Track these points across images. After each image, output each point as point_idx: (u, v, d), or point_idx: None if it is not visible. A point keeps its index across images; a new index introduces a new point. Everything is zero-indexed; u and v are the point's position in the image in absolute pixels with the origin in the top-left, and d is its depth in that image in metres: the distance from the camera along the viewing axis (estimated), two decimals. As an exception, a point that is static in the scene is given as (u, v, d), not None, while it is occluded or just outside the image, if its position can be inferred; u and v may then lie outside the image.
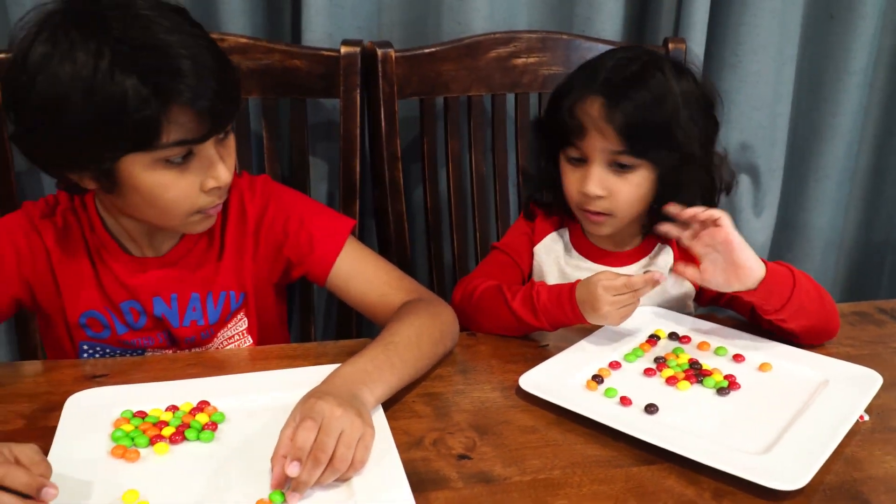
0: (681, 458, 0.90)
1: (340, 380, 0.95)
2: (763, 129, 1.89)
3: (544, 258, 1.35)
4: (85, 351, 1.18)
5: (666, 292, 1.32)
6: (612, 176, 1.21)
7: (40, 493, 0.75)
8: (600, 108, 1.18)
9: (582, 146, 1.21)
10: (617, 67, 1.21)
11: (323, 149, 1.69)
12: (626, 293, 1.11)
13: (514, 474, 0.89)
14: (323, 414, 0.85)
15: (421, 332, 1.08)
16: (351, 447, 0.84)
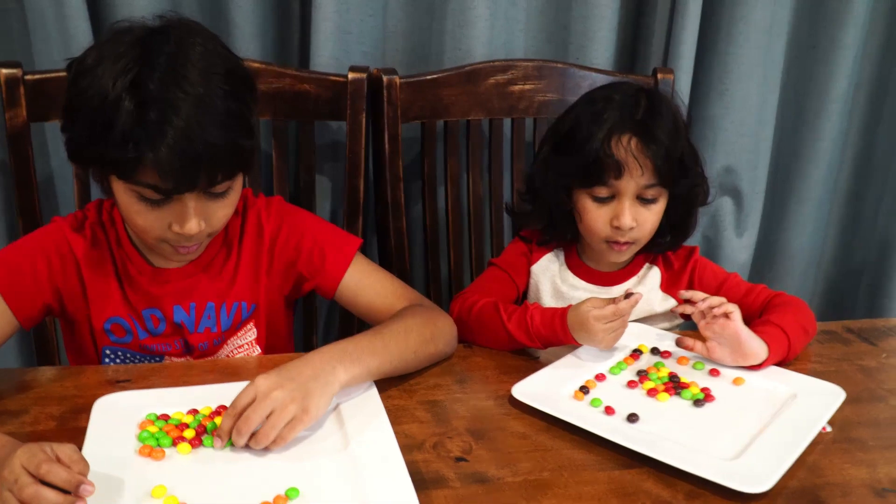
0: (658, 462, 0.98)
1: (312, 358, 1.04)
2: (747, 154, 1.98)
3: (540, 277, 1.43)
4: (107, 355, 1.26)
5: (653, 309, 1.41)
6: (640, 207, 1.30)
7: (79, 490, 0.82)
8: (637, 146, 1.25)
9: (616, 185, 1.27)
10: (631, 103, 1.28)
11: (328, 168, 1.77)
12: (616, 319, 1.19)
13: (507, 475, 0.97)
14: (258, 391, 0.97)
15: (410, 328, 1.17)
16: (276, 427, 0.96)
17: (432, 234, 1.73)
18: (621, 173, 1.26)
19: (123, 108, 1.00)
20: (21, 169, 1.45)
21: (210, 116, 1.03)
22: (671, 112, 1.30)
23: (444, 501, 0.92)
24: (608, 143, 1.26)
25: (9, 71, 1.39)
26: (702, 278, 1.39)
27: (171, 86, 1.01)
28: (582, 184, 1.30)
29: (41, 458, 0.82)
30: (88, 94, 1.03)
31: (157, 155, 1.01)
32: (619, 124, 1.26)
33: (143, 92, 1.00)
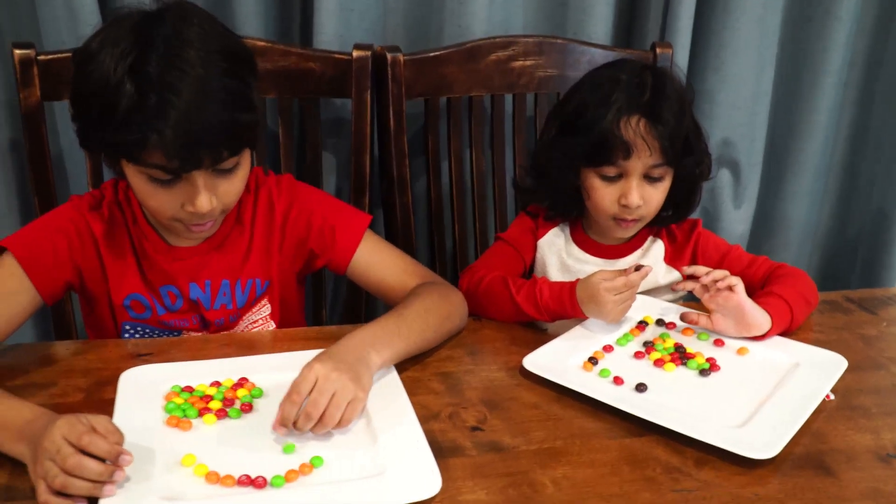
0: (667, 430, 1.01)
1: (350, 343, 1.07)
2: (743, 127, 2.01)
3: (547, 252, 1.46)
4: (126, 330, 1.29)
5: (657, 282, 1.44)
6: (647, 186, 1.32)
7: (118, 460, 0.86)
8: (645, 127, 1.27)
9: (624, 165, 1.30)
10: (637, 84, 1.30)
11: (332, 144, 1.79)
12: (626, 291, 1.22)
13: (521, 444, 1.01)
14: (319, 373, 0.98)
15: (429, 308, 1.20)
16: (340, 408, 0.97)
17: (437, 209, 1.76)
18: (630, 154, 1.29)
19: (125, 92, 1.02)
20: (35, 147, 1.47)
21: (209, 95, 1.05)
22: (676, 91, 1.32)
23: (461, 469, 0.96)
24: (617, 125, 1.28)
25: (22, 52, 1.41)
26: (705, 251, 1.42)
27: (169, 68, 1.03)
28: (590, 163, 1.33)
29: (82, 430, 0.85)
30: (91, 81, 1.05)
31: (160, 136, 1.03)
32: (627, 106, 1.28)
33: (143, 75, 1.03)
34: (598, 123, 1.29)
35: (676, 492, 0.93)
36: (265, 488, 0.90)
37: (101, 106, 1.04)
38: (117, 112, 1.03)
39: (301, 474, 0.92)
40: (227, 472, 0.91)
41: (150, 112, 1.02)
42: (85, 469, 0.83)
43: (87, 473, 0.84)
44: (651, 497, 0.92)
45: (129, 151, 1.07)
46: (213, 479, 0.90)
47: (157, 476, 0.90)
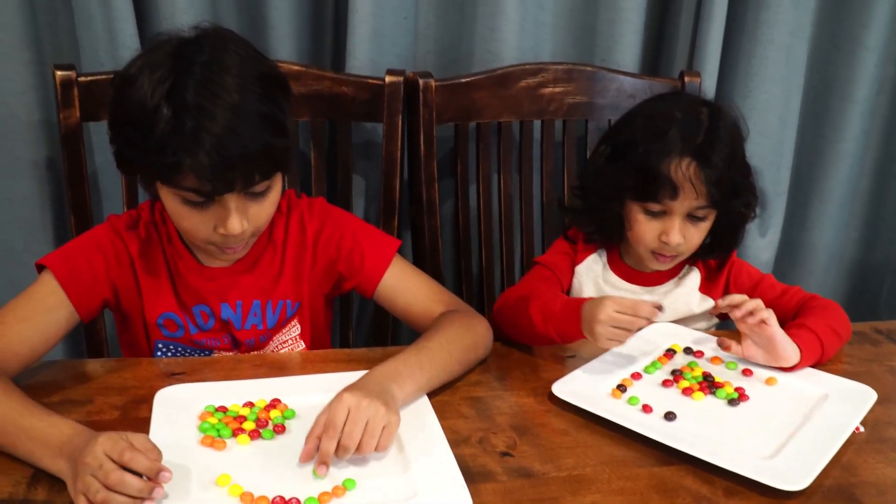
0: (697, 460, 1.02)
1: (373, 376, 1.08)
2: (770, 155, 2.01)
3: (584, 278, 1.47)
4: (159, 349, 1.31)
5: (692, 310, 1.45)
6: (689, 225, 1.33)
7: (158, 477, 0.87)
8: (694, 170, 1.27)
9: (669, 203, 1.30)
10: (692, 124, 1.30)
11: (362, 167, 1.81)
12: (628, 315, 1.18)
13: (551, 470, 1.02)
14: (350, 404, 0.99)
15: (453, 339, 1.21)
16: (375, 435, 0.98)
17: (464, 233, 1.77)
18: (676, 195, 1.29)
19: (161, 117, 1.05)
20: (73, 167, 1.50)
21: (244, 121, 1.08)
22: (730, 133, 1.32)
23: (492, 494, 0.96)
24: (667, 165, 1.28)
25: (63, 73, 1.44)
26: (737, 279, 1.44)
27: (206, 94, 1.06)
28: (635, 196, 1.34)
29: (123, 447, 0.87)
30: (130, 105, 1.08)
31: (195, 160, 1.05)
32: (679, 146, 1.28)
33: (180, 101, 1.05)
34: (647, 160, 1.30)
35: (706, 522, 0.94)
36: (299, 509, 0.91)
37: (139, 130, 1.07)
38: (154, 136, 1.05)
39: (334, 496, 0.93)
40: (262, 493, 0.92)
41: (185, 137, 1.04)
42: (126, 485, 0.85)
43: (128, 489, 0.85)
44: (681, 526, 0.93)
45: (163, 174, 1.09)
46: (248, 500, 0.91)
47: (193, 494, 0.92)
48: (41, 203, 1.71)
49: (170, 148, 1.05)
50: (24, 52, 1.60)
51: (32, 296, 1.18)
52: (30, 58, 1.60)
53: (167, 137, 1.05)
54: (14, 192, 1.69)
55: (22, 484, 0.94)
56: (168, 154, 1.05)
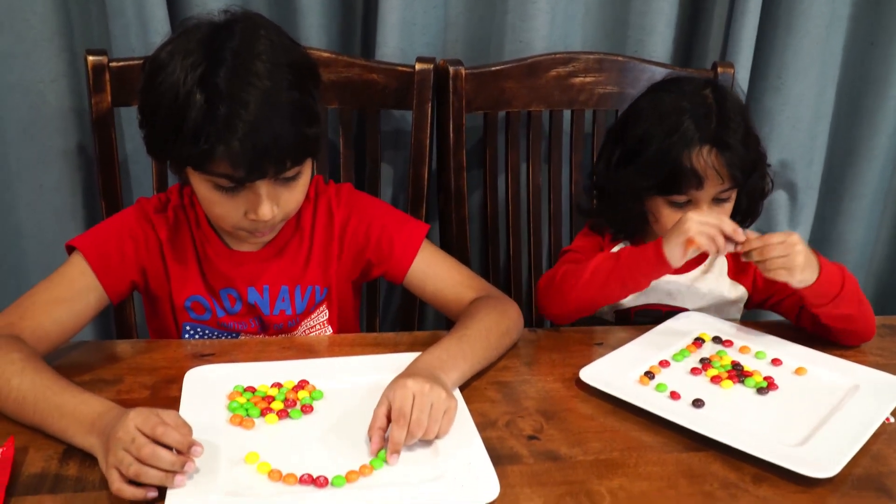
0: (725, 447, 1.01)
1: (420, 365, 1.09)
2: (802, 148, 1.99)
3: None
4: (187, 331, 1.32)
5: (723, 296, 1.44)
6: (715, 209, 1.33)
7: (190, 451, 0.88)
8: (716, 157, 1.28)
9: (695, 193, 1.31)
10: (702, 111, 1.30)
11: (391, 156, 1.81)
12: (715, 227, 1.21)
13: (577, 454, 1.01)
14: (414, 390, 0.99)
15: (490, 326, 1.21)
16: (438, 420, 0.99)
17: (492, 223, 1.77)
18: (702, 184, 1.30)
19: (194, 104, 1.05)
20: (105, 152, 1.52)
21: (276, 108, 1.08)
22: (739, 112, 1.32)
23: (518, 476, 0.96)
24: (688, 157, 1.28)
25: (95, 58, 1.46)
26: None
27: (238, 81, 1.06)
28: (659, 192, 1.34)
29: (155, 421, 0.88)
30: (161, 92, 1.08)
31: (227, 147, 1.06)
32: (696, 137, 1.28)
33: (212, 88, 1.05)
34: (667, 155, 1.29)
35: (734, 507, 0.93)
36: (326, 487, 0.91)
37: (170, 117, 1.07)
38: (186, 123, 1.05)
39: (361, 475, 0.94)
40: (290, 471, 0.93)
41: (218, 124, 1.05)
42: (159, 458, 0.86)
43: (160, 463, 0.86)
44: (708, 511, 0.92)
45: (196, 161, 1.10)
46: (276, 477, 0.92)
47: (222, 471, 0.93)
48: (72, 190, 1.73)
49: (202, 136, 1.05)
50: (56, 39, 1.62)
51: (63, 277, 1.20)
52: (61, 45, 1.63)
53: (199, 125, 1.05)
54: (46, 179, 1.72)
55: (54, 459, 0.95)
56: (200, 142, 1.05)
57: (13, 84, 1.64)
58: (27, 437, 0.99)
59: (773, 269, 1.20)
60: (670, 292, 1.43)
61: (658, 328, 1.32)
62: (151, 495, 0.87)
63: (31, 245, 1.76)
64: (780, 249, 1.18)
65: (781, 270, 1.19)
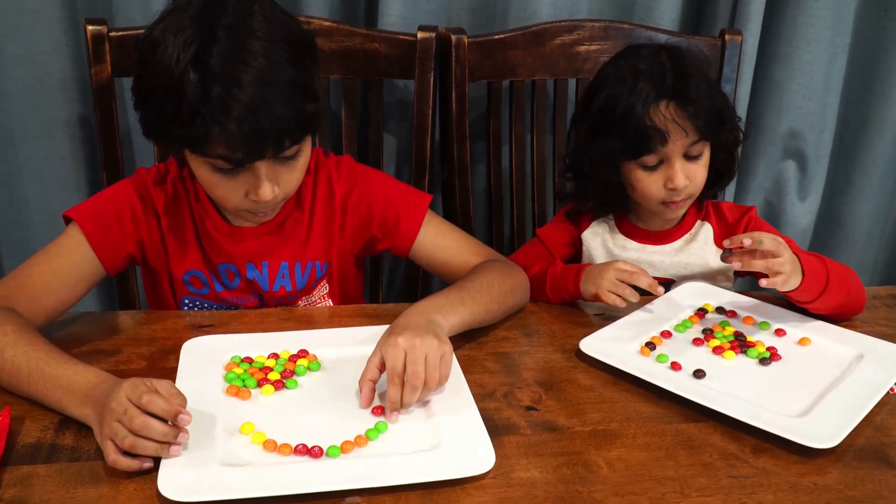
0: (725, 417, 1.00)
1: (416, 310, 1.09)
2: (812, 118, 1.96)
3: (591, 242, 1.46)
4: (186, 305, 1.32)
5: (708, 265, 1.42)
6: (689, 164, 1.32)
7: (177, 419, 0.88)
8: (675, 111, 1.28)
9: (663, 150, 1.30)
10: (658, 69, 1.30)
11: (393, 127, 1.80)
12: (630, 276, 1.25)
13: (575, 425, 1.01)
14: (405, 346, 0.99)
15: (493, 282, 1.21)
16: (436, 367, 0.99)
17: (496, 195, 1.76)
18: (667, 140, 1.29)
19: (188, 85, 1.02)
20: (106, 123, 1.51)
21: (273, 87, 1.05)
22: (697, 67, 1.33)
23: (515, 447, 0.96)
24: (647, 114, 1.28)
25: (95, 27, 1.45)
26: None
27: (232, 60, 1.03)
28: (629, 156, 1.33)
29: (142, 390, 0.87)
30: (154, 72, 1.05)
31: (224, 129, 1.03)
32: (654, 93, 1.29)
33: (206, 67, 1.02)
34: (629, 117, 1.29)
35: (733, 477, 0.92)
36: (321, 458, 0.91)
37: (164, 98, 1.05)
38: (181, 105, 1.03)
39: (356, 446, 0.93)
40: (285, 441, 0.92)
41: (213, 105, 1.02)
42: (151, 429, 0.86)
43: (153, 434, 0.86)
44: (707, 482, 0.91)
45: (192, 143, 1.08)
46: (271, 448, 0.92)
47: (217, 442, 0.92)
48: (75, 162, 1.73)
49: (198, 117, 1.03)
50: (57, 9, 1.61)
51: (59, 249, 1.19)
52: (62, 15, 1.62)
53: (194, 107, 1.02)
54: (50, 151, 1.71)
55: (50, 430, 0.95)
56: (197, 123, 1.03)
57: (15, 55, 1.63)
58: (23, 408, 0.99)
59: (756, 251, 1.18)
60: (653, 263, 1.42)
61: (660, 298, 1.30)
62: (147, 465, 0.87)
63: (37, 216, 1.76)
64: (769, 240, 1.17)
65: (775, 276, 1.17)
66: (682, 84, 1.29)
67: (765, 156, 2.01)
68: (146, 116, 1.12)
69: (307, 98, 1.11)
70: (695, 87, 1.29)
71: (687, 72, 1.30)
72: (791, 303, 1.27)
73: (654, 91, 1.29)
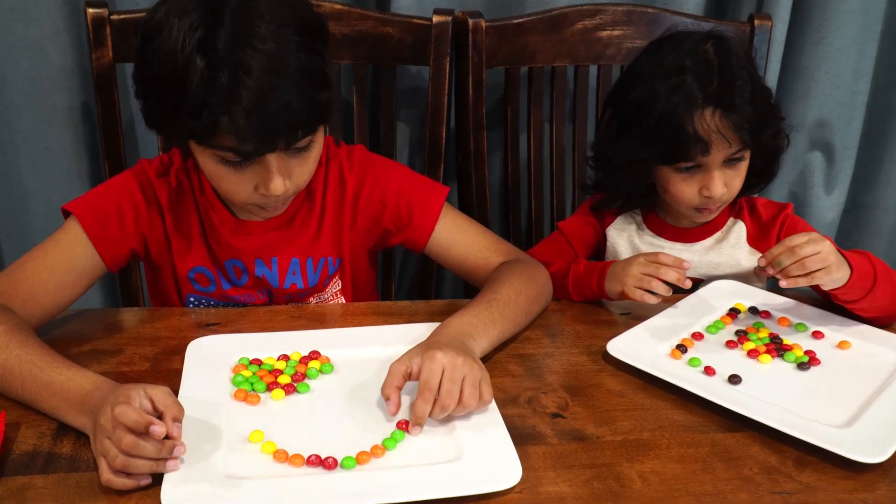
0: (763, 427, 0.94)
1: (448, 332, 1.02)
2: (841, 107, 1.89)
3: (617, 238, 1.40)
4: (191, 302, 1.26)
5: (739, 264, 1.36)
6: (728, 171, 1.25)
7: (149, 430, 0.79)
8: (720, 119, 1.19)
9: (703, 159, 1.22)
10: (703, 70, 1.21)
11: (407, 115, 1.73)
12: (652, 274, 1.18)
13: (605, 434, 0.95)
14: (444, 363, 0.92)
15: (520, 291, 1.14)
16: (476, 387, 0.93)
17: (513, 185, 1.70)
18: (708, 149, 1.21)
19: (193, 72, 0.95)
20: (107, 111, 1.45)
21: (284, 75, 0.98)
22: (744, 67, 1.23)
23: (542, 458, 0.90)
24: (690, 121, 1.19)
25: (95, 10, 1.38)
26: (790, 234, 1.33)
27: (240, 44, 0.96)
28: (664, 161, 1.26)
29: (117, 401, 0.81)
30: (157, 58, 0.98)
31: (232, 119, 0.96)
32: (699, 98, 1.20)
33: (212, 53, 0.96)
34: (668, 120, 1.21)
35: (776, 494, 0.86)
36: (335, 470, 0.85)
37: (168, 86, 0.98)
38: (185, 93, 0.96)
39: (373, 456, 0.87)
40: (296, 451, 0.87)
41: (220, 93, 0.95)
42: (141, 448, 0.80)
43: (144, 452, 0.80)
44: (748, 498, 0.85)
45: (198, 134, 1.01)
46: (282, 458, 0.86)
47: (223, 452, 0.86)
48: (77, 152, 1.67)
49: (204, 107, 0.96)
50: (56, -9, 1.55)
51: (57, 244, 1.13)
52: (62, -1, 1.55)
53: (200, 95, 0.96)
54: (51, 140, 1.65)
55: (47, 437, 0.90)
56: (203, 113, 0.96)
57: (14, 42, 1.56)
58: (19, 412, 0.93)
59: (807, 272, 1.08)
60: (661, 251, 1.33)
61: (689, 297, 1.24)
62: (144, 482, 0.81)
63: (38, 209, 1.70)
64: (810, 247, 1.08)
65: (819, 272, 1.08)
66: (728, 89, 1.19)
67: (791, 146, 1.90)
68: (148, 105, 1.05)
69: (320, 84, 1.04)
70: (741, 93, 1.20)
71: (733, 73, 1.21)
72: (829, 302, 1.20)
73: (698, 95, 1.20)
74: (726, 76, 1.20)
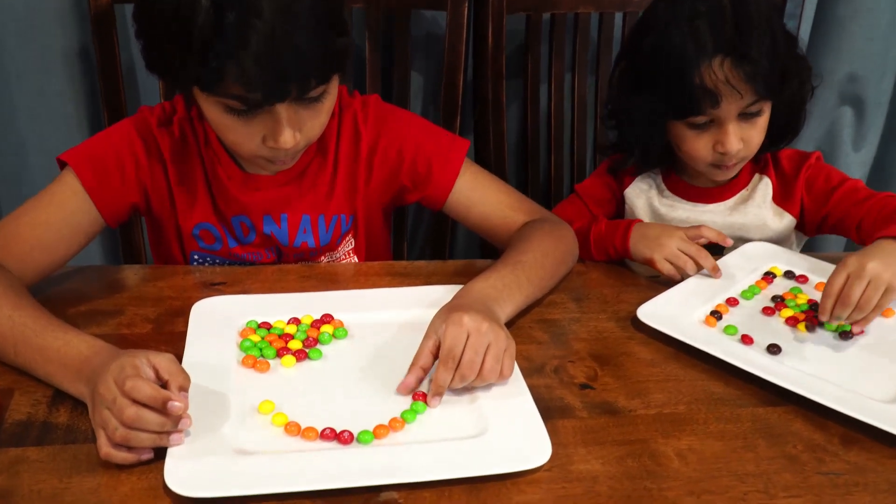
0: (806, 401, 0.88)
1: (473, 295, 0.96)
2: (874, 61, 1.81)
3: (635, 200, 1.34)
4: (195, 260, 1.19)
5: (766, 226, 1.29)
6: (744, 125, 1.18)
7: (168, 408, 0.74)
8: (730, 69, 1.12)
9: (715, 112, 1.16)
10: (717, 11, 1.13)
11: (422, 64, 1.66)
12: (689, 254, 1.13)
13: (638, 407, 0.89)
14: (470, 328, 0.86)
15: (546, 253, 1.08)
16: (499, 359, 0.86)
17: (532, 138, 1.63)
18: (718, 102, 1.14)
19: (198, 11, 0.87)
20: (106, 55, 1.38)
21: (296, 17, 0.90)
22: (762, 12, 1.15)
23: (572, 433, 0.84)
24: (697, 72, 1.13)
25: (92, -55, 1.30)
26: (812, 185, 1.28)
27: None
28: (674, 116, 1.19)
29: (128, 374, 0.75)
30: None
31: (240, 64, 0.89)
32: (709, 47, 1.12)
33: None
34: (675, 72, 1.14)
35: (822, 475, 0.80)
36: (351, 444, 0.79)
37: (171, 28, 0.90)
38: (191, 35, 0.88)
39: (392, 430, 0.81)
40: (309, 424, 0.81)
41: (227, 36, 0.88)
42: (144, 420, 0.73)
43: (147, 425, 0.74)
44: (793, 479, 0.79)
45: (203, 81, 0.93)
46: (294, 431, 0.80)
47: (230, 424, 0.81)
48: (75, 97, 1.59)
49: (210, 51, 0.88)
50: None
51: (52, 197, 1.06)
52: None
53: (206, 38, 0.88)
54: (47, 85, 1.57)
55: (42, 404, 0.84)
56: (209, 58, 0.89)
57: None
58: (13, 378, 0.88)
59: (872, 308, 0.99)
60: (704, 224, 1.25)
61: (722, 260, 1.17)
62: (146, 457, 0.75)
63: (34, 157, 1.63)
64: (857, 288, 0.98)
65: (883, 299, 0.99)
66: (743, 37, 1.12)
67: (819, 101, 1.86)
68: (149, 47, 0.97)
69: (336, 31, 0.96)
70: (757, 43, 1.12)
71: (750, 20, 1.13)
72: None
73: (708, 43, 1.12)
74: (742, 23, 1.13)
